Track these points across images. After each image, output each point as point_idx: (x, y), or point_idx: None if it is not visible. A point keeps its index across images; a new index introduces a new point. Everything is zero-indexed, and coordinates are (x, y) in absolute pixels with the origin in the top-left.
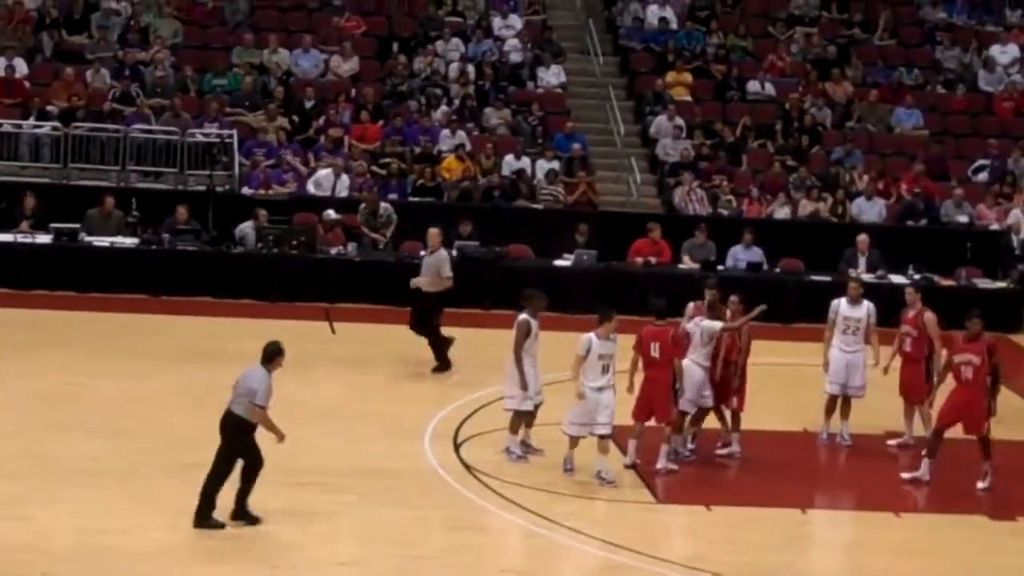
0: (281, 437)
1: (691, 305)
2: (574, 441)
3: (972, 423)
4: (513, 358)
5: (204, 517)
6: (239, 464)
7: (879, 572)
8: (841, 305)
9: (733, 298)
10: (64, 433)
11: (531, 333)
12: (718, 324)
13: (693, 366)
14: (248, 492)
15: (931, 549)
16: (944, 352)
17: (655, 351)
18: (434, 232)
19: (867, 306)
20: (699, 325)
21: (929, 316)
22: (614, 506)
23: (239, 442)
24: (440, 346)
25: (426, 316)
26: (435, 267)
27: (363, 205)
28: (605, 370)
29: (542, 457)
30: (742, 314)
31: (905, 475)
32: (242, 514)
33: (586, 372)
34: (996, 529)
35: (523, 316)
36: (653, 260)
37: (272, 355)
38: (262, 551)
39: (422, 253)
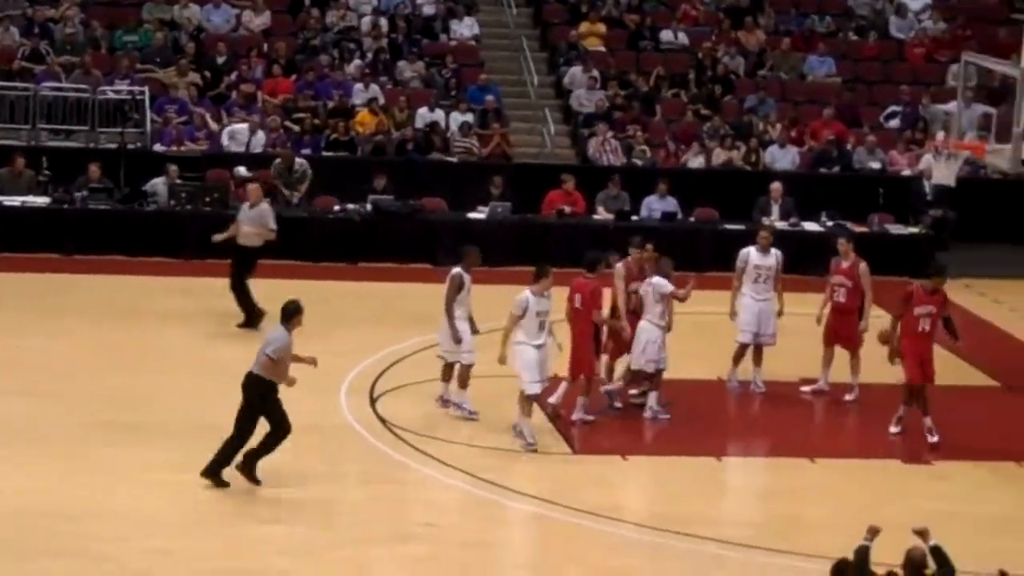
0: (291, 382)
1: (619, 266)
2: (531, 402)
3: (931, 373)
4: (445, 312)
5: (213, 472)
6: (255, 424)
7: (790, 518)
8: (751, 254)
9: (648, 246)
10: None
11: (463, 287)
12: (667, 284)
13: (649, 325)
14: (262, 454)
15: (843, 494)
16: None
17: (578, 303)
18: (254, 187)
19: (776, 254)
20: (650, 283)
21: (863, 267)
22: (531, 458)
23: (260, 403)
24: (250, 302)
25: (244, 270)
26: (259, 220)
27: (278, 160)
28: (542, 327)
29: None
30: (655, 263)
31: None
32: (247, 471)
33: (525, 330)
34: (910, 473)
35: (456, 270)
36: (567, 209)
37: (291, 314)
38: (184, 508)
39: (245, 206)
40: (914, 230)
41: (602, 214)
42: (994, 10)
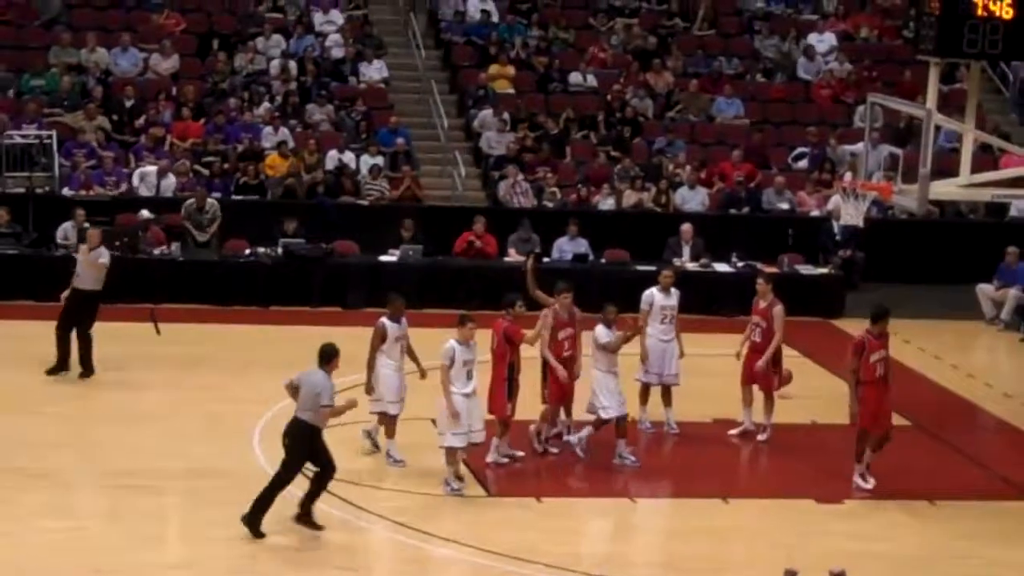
0: (352, 404)
1: (547, 312)
2: (455, 454)
3: (886, 423)
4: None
5: (252, 521)
6: (299, 470)
7: (703, 558)
8: (655, 294)
9: (561, 285)
10: None
11: (387, 337)
12: (602, 334)
13: (597, 373)
14: (316, 497)
15: (755, 533)
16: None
17: (493, 343)
18: (93, 232)
19: (676, 294)
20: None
21: (778, 309)
22: (444, 500)
23: (308, 448)
24: (88, 350)
25: (87, 316)
26: (96, 263)
27: (190, 201)
28: (470, 376)
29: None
30: (572, 304)
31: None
32: (306, 519)
33: (453, 380)
34: (822, 512)
35: (381, 320)
36: (477, 243)
37: (329, 356)
38: (87, 554)
39: (83, 248)
40: (824, 270)
41: (513, 256)
42: (899, 51)
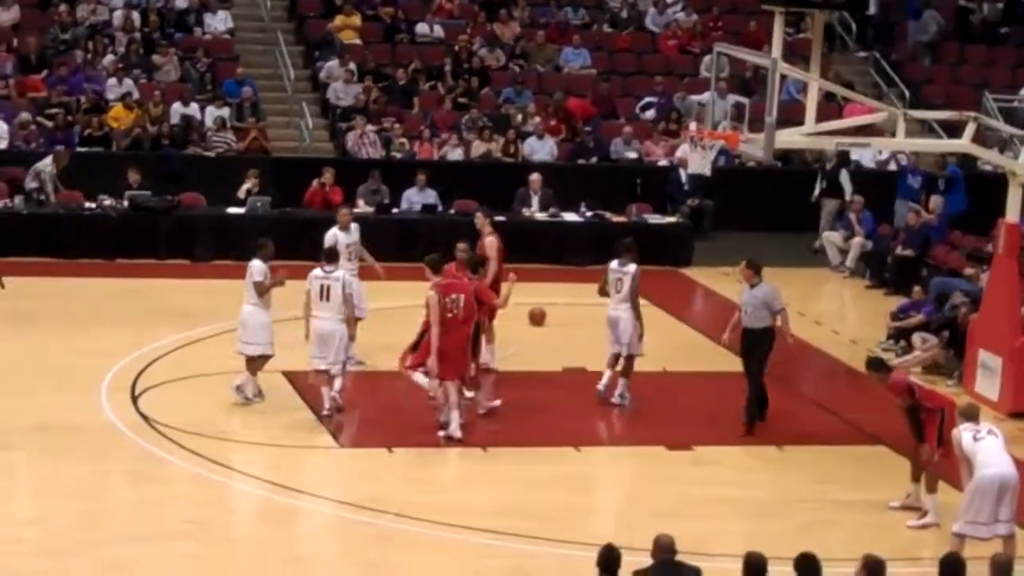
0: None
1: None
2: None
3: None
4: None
5: None
6: None
7: (557, 506)
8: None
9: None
10: None
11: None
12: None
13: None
14: None
15: (608, 481)
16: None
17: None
18: None
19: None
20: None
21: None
22: (295, 452)
23: None
24: None
25: None
26: None
27: (47, 163)
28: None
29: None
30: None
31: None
32: None
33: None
34: (673, 459)
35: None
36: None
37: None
38: None
39: None
40: (672, 219)
41: (362, 207)
42: (745, 1)
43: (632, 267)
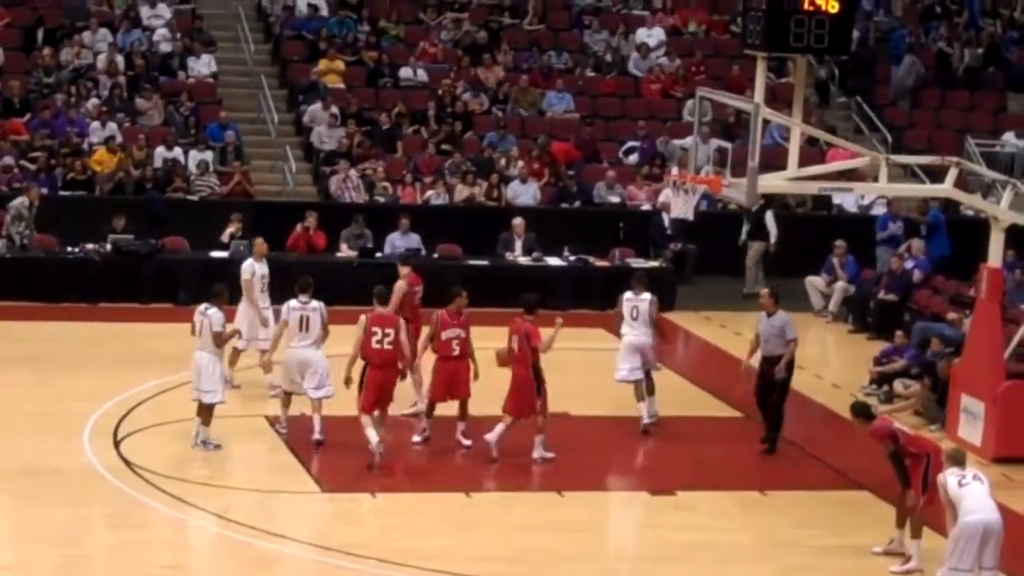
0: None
1: (442, 312)
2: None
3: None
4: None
5: None
6: None
7: (542, 551)
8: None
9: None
10: None
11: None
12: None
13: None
14: None
15: (596, 527)
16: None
17: (513, 344)
18: None
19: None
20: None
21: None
22: (277, 497)
23: None
24: None
25: None
26: None
27: (20, 201)
28: None
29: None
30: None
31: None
32: None
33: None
34: (657, 504)
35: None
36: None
37: None
38: None
39: None
40: (655, 264)
41: (345, 251)
42: (728, 46)
43: (647, 295)
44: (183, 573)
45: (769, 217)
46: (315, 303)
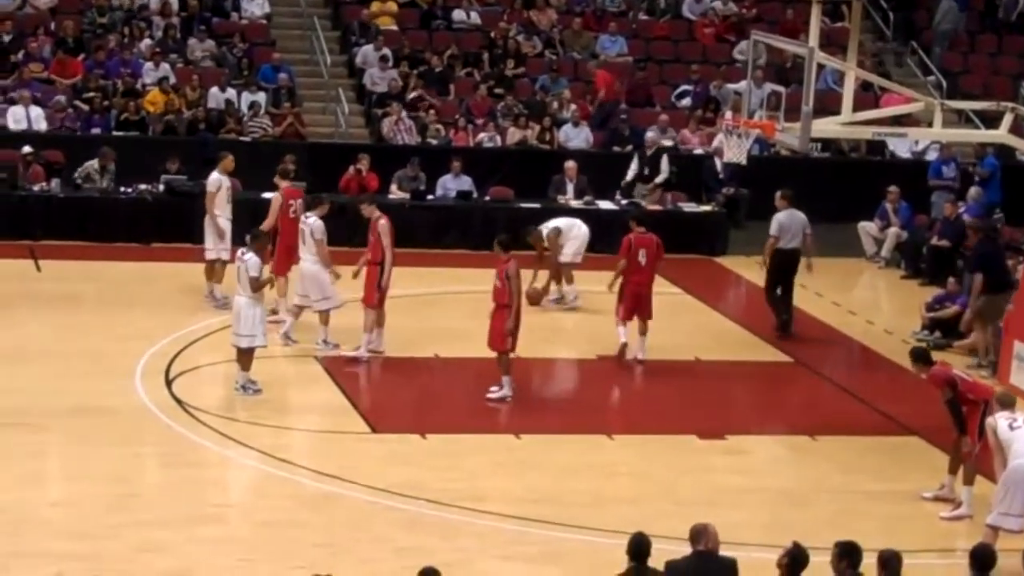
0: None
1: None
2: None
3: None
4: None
5: None
6: None
7: (590, 494)
8: None
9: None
10: None
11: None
12: None
13: None
14: None
15: (640, 470)
16: None
17: (642, 257)
18: None
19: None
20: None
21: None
22: (328, 437)
23: None
24: None
25: None
26: None
27: (92, 165)
28: None
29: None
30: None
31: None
32: None
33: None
34: (705, 448)
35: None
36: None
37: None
38: None
39: None
40: (707, 208)
41: (396, 193)
42: None
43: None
44: (235, 512)
45: (664, 159)
46: (312, 219)
